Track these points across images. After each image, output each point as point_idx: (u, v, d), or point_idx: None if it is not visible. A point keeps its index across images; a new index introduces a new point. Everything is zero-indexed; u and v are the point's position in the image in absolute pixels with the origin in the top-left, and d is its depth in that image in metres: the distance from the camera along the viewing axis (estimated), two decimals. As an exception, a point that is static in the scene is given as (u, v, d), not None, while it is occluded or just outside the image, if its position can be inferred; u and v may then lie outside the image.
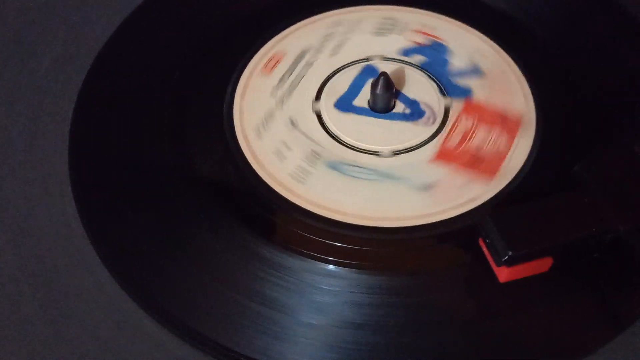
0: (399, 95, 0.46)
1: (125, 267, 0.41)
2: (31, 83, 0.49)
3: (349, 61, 0.48)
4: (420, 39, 0.49)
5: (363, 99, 0.46)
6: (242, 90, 0.47)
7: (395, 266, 0.40)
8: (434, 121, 0.45)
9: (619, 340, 0.38)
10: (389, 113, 0.46)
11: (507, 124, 0.45)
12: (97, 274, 0.41)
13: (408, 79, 0.47)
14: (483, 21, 0.50)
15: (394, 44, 0.49)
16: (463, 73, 0.48)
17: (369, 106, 0.46)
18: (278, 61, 0.49)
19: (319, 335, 0.38)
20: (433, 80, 0.47)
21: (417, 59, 0.48)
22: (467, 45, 0.49)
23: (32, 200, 0.44)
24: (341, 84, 0.47)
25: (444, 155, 0.44)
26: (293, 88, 0.47)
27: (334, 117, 0.46)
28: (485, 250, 0.38)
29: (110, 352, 0.38)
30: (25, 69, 0.50)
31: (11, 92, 0.49)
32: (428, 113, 0.46)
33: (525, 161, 0.44)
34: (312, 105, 0.46)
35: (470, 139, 0.45)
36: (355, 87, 0.47)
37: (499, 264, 0.37)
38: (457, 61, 0.48)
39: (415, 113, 0.46)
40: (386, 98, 0.45)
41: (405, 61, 0.48)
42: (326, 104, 0.46)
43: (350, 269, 0.40)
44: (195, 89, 0.47)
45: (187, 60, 0.49)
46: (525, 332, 0.38)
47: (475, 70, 0.48)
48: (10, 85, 0.49)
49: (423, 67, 0.48)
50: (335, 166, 0.44)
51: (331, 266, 0.40)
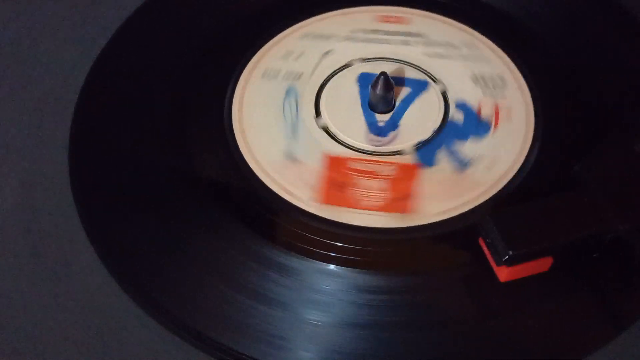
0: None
1: (125, 267, 0.41)
2: (31, 83, 0.49)
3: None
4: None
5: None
6: (242, 91, 0.47)
7: (395, 266, 0.40)
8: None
9: (619, 340, 0.38)
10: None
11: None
12: (97, 274, 0.41)
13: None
14: (484, 22, 0.50)
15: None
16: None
17: (370, 106, 0.46)
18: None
19: (319, 335, 0.38)
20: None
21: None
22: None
23: (32, 200, 0.44)
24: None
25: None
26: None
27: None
28: (485, 250, 0.38)
29: (110, 352, 0.38)
30: (26, 69, 0.50)
31: (11, 93, 0.49)
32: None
33: (526, 161, 0.44)
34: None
35: None
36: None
37: (499, 263, 0.37)
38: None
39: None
40: (386, 98, 0.45)
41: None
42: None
43: (350, 269, 0.40)
44: (195, 89, 0.47)
45: (187, 60, 0.49)
46: (525, 332, 0.38)
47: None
48: (10, 86, 0.49)
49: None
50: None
51: (331, 266, 0.40)
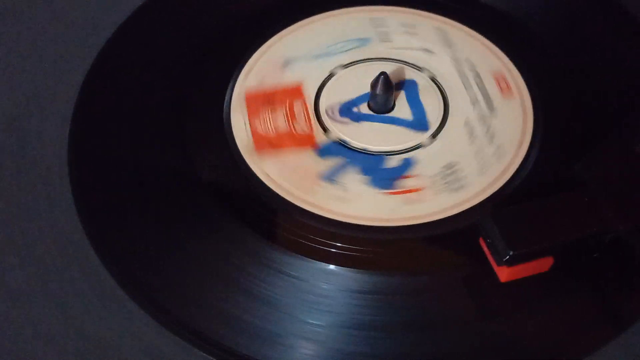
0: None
1: (125, 267, 0.41)
2: (31, 83, 0.49)
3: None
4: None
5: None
6: (242, 90, 0.47)
7: (395, 266, 0.40)
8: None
9: (619, 340, 0.38)
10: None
11: None
12: (97, 274, 0.41)
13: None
14: (484, 22, 0.50)
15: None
16: None
17: (369, 107, 0.46)
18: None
19: (319, 335, 0.38)
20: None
21: None
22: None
23: (32, 200, 0.44)
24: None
25: None
26: None
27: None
28: (485, 250, 0.38)
29: (110, 352, 0.38)
30: (25, 68, 0.50)
31: (11, 92, 0.49)
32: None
33: (526, 161, 0.44)
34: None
35: None
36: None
37: (500, 263, 0.37)
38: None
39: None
40: (386, 98, 0.45)
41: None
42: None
43: (350, 269, 0.40)
44: (195, 89, 0.47)
45: (187, 60, 0.49)
46: (525, 332, 0.38)
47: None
48: (9, 85, 0.49)
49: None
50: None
51: (331, 266, 0.40)
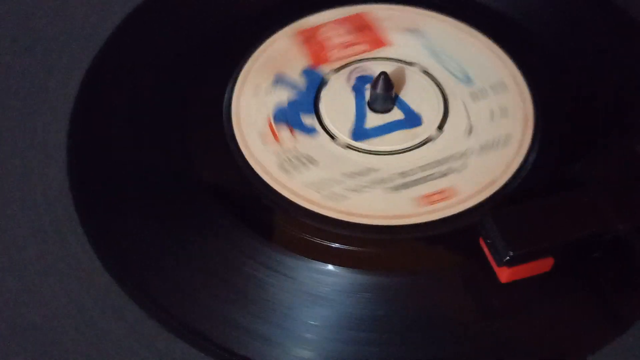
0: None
1: (125, 267, 0.41)
2: (30, 82, 0.49)
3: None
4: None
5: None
6: (241, 90, 0.47)
7: (395, 266, 0.40)
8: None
9: (619, 340, 0.38)
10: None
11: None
12: (97, 274, 0.41)
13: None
14: (484, 23, 0.50)
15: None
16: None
17: (369, 106, 0.46)
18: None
19: (319, 335, 0.38)
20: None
21: None
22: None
23: (32, 200, 0.44)
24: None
25: None
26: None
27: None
28: (485, 250, 0.38)
29: (110, 352, 0.38)
30: (25, 68, 0.50)
31: (10, 92, 0.49)
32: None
33: (525, 161, 0.44)
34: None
35: None
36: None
37: (500, 264, 0.37)
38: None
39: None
40: (386, 98, 0.45)
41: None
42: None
43: (350, 269, 0.40)
44: (194, 89, 0.47)
45: (187, 60, 0.49)
46: (525, 332, 0.38)
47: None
48: (9, 85, 0.49)
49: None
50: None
51: (331, 266, 0.40)
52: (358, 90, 0.47)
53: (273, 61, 0.48)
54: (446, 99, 0.46)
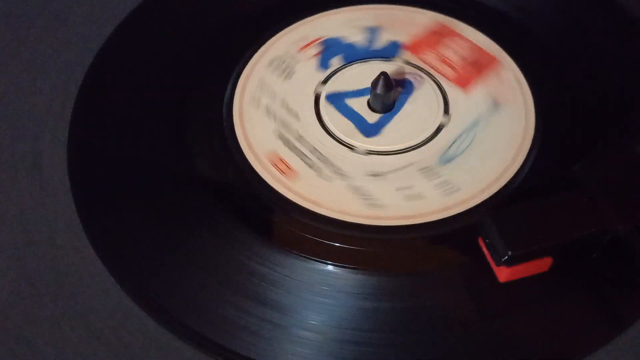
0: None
1: (125, 267, 0.41)
2: (30, 82, 0.49)
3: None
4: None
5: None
6: (242, 90, 0.47)
7: (394, 266, 0.40)
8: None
9: (619, 340, 0.38)
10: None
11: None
12: (97, 274, 0.41)
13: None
14: (485, 23, 0.50)
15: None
16: None
17: (369, 106, 0.46)
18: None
19: (318, 335, 0.38)
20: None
21: None
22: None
23: (32, 200, 0.44)
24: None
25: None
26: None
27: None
28: (484, 250, 0.38)
29: (110, 352, 0.38)
30: (25, 68, 0.50)
31: (10, 92, 0.49)
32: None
33: (525, 161, 0.44)
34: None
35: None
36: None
37: (499, 263, 0.37)
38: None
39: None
40: (386, 98, 0.45)
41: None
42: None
43: (350, 269, 0.40)
44: (195, 88, 0.47)
45: (187, 60, 0.49)
46: (525, 332, 0.38)
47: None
48: (9, 85, 0.49)
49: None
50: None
51: (330, 266, 0.40)
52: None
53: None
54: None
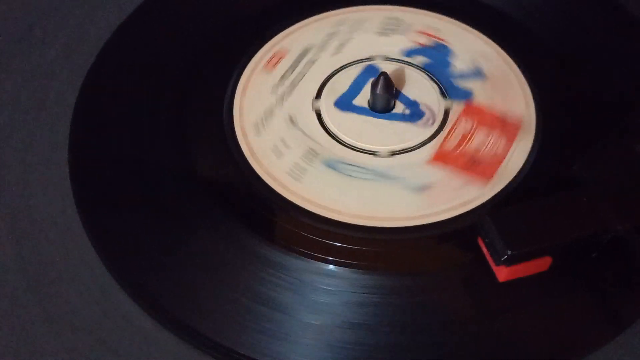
0: (400, 96, 0.46)
1: (125, 267, 0.41)
2: (31, 82, 0.49)
3: (351, 60, 0.48)
4: (423, 40, 0.49)
5: (363, 98, 0.46)
6: (243, 90, 0.47)
7: (394, 266, 0.40)
8: (433, 122, 0.45)
9: (619, 340, 0.38)
10: (389, 113, 0.46)
11: (507, 127, 0.45)
12: (97, 274, 0.41)
13: (409, 79, 0.47)
14: (485, 23, 0.50)
15: (397, 44, 0.49)
16: (465, 75, 0.48)
17: (369, 106, 0.46)
18: (280, 58, 0.49)
19: (319, 335, 0.38)
20: (434, 81, 0.47)
21: (419, 59, 0.48)
22: (470, 47, 0.49)
23: (32, 200, 0.44)
24: (342, 83, 0.47)
25: (442, 156, 0.44)
26: (294, 86, 0.47)
27: (333, 116, 0.46)
28: (484, 249, 0.38)
29: (110, 352, 0.38)
30: (26, 68, 0.50)
31: (11, 92, 0.49)
32: (427, 114, 0.46)
33: (525, 161, 0.44)
34: (313, 104, 0.46)
35: (468, 141, 0.45)
36: (356, 87, 0.47)
37: (498, 263, 0.37)
38: (459, 63, 0.48)
39: (414, 114, 0.46)
40: (386, 98, 0.45)
41: (407, 62, 0.48)
42: (326, 103, 0.46)
43: (350, 269, 0.40)
44: (195, 88, 0.48)
45: (188, 59, 0.49)
46: (524, 332, 0.38)
47: (477, 72, 0.48)
48: (10, 85, 0.49)
49: (425, 68, 0.48)
50: (332, 165, 0.44)
51: (331, 266, 0.40)
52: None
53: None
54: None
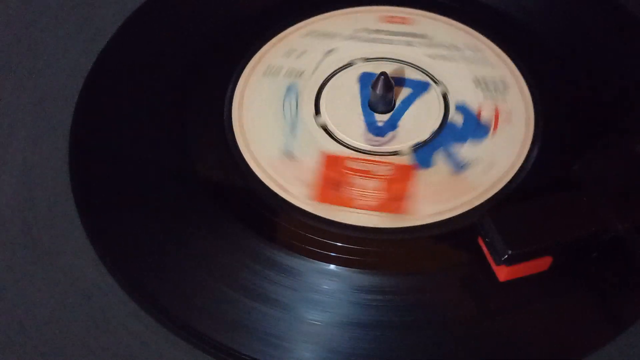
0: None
1: (125, 267, 0.41)
2: (32, 82, 0.50)
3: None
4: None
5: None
6: (243, 90, 0.47)
7: (395, 266, 0.40)
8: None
9: (619, 340, 0.38)
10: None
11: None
12: (97, 274, 0.41)
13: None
14: (484, 22, 0.50)
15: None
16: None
17: (370, 106, 0.46)
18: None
19: (319, 335, 0.38)
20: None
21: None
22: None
23: (32, 199, 0.44)
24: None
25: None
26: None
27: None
28: (484, 249, 0.38)
29: (110, 352, 0.38)
30: (27, 68, 0.50)
31: (12, 92, 0.49)
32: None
33: (525, 161, 0.44)
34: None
35: None
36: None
37: (499, 263, 0.37)
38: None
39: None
40: (387, 98, 0.45)
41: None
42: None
43: (350, 269, 0.40)
44: (195, 88, 0.48)
45: (188, 59, 0.49)
46: (525, 332, 0.38)
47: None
48: (11, 85, 0.49)
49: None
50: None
51: (331, 266, 0.40)
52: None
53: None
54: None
